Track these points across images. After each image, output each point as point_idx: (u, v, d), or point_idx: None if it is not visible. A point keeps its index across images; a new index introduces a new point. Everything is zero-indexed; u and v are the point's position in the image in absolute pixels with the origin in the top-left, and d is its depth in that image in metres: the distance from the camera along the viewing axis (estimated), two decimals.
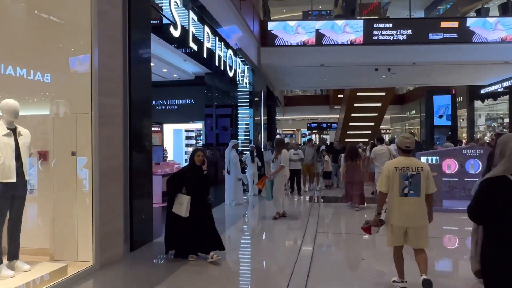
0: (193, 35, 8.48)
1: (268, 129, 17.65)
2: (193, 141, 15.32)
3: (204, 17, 9.14)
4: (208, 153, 13.42)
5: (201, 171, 4.69)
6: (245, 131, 13.32)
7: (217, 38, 9.98)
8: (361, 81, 18.41)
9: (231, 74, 11.61)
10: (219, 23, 9.98)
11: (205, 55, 9.41)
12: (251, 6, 13.18)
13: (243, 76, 12.64)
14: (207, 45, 9.28)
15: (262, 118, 14.40)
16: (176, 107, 14.26)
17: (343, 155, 8.88)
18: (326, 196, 10.31)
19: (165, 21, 7.44)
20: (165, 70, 11.96)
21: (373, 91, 22.40)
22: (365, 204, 8.10)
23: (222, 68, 10.95)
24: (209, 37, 9.35)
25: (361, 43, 13.50)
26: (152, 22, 7.32)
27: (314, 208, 8.30)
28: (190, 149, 15.88)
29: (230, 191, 8.63)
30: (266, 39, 14.00)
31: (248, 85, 13.36)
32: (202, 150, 4.88)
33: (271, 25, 14.01)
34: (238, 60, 12.17)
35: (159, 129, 14.25)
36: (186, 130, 15.39)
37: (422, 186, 3.39)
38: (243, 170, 10.52)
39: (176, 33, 7.41)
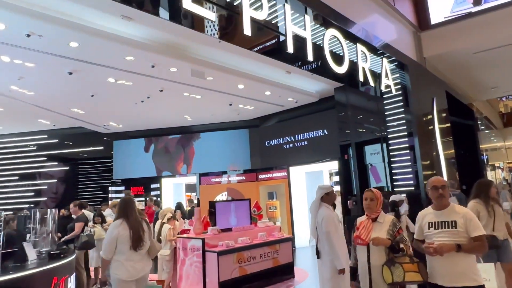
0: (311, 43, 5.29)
1: (464, 163, 11.13)
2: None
3: (330, 19, 5.89)
4: (352, 205, 8.90)
5: None
6: (405, 169, 8.12)
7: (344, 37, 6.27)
8: None
9: (374, 83, 7.22)
10: (350, 20, 6.38)
11: (332, 64, 5.75)
12: None
13: (392, 84, 7.86)
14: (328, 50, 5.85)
15: (438, 145, 8.74)
16: (305, 143, 10.58)
17: None
18: None
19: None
20: (268, 93, 8.73)
21: None
22: None
23: (359, 78, 6.81)
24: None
25: None
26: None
27: None
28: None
29: None
30: (428, 18, 8.79)
31: (406, 98, 8.35)
32: None
33: None
34: (385, 61, 7.62)
35: (285, 174, 10.83)
36: (333, 174, 11.25)
37: None
38: None
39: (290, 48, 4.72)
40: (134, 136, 12.63)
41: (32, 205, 8.09)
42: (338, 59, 6.13)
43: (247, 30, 4.32)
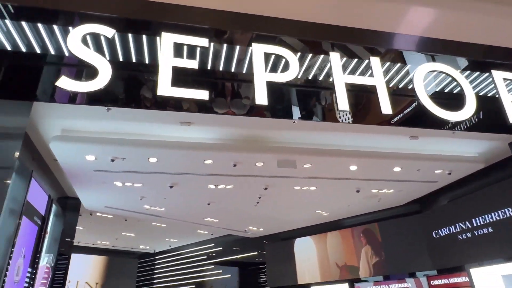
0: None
1: None
2: None
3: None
4: None
5: None
6: None
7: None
8: None
9: None
10: None
11: (437, 111, 4.19)
12: None
13: None
14: None
15: None
16: (489, 229, 7.16)
17: None
18: None
19: None
20: (397, 169, 6.61)
21: None
22: None
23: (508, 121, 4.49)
24: None
25: None
26: None
27: None
28: None
29: None
30: None
31: None
32: None
33: None
34: None
35: (465, 279, 7.39)
36: None
37: None
38: None
39: None
40: (285, 238, 11.96)
41: None
42: (448, 101, 3.99)
43: (260, 99, 3.29)
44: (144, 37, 3.70)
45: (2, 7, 3.51)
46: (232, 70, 4.15)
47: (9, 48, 3.72)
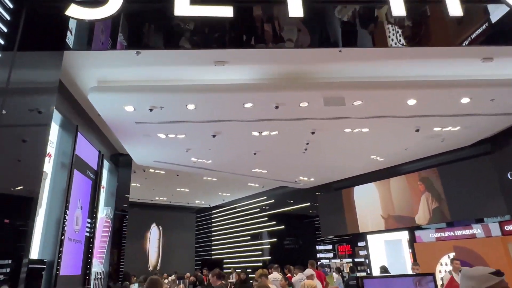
0: None
1: None
2: None
3: None
4: None
5: None
6: None
7: None
8: None
9: None
10: None
11: None
12: None
13: None
14: None
15: None
16: None
17: None
18: None
19: None
20: (466, 100, 5.71)
21: None
22: None
23: None
24: None
25: None
26: None
27: None
28: None
29: None
30: None
31: None
32: None
33: None
34: None
35: None
36: None
37: None
38: None
39: None
40: (338, 188, 11.56)
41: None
42: None
43: (294, 10, 2.76)
44: None
45: None
46: None
47: None
